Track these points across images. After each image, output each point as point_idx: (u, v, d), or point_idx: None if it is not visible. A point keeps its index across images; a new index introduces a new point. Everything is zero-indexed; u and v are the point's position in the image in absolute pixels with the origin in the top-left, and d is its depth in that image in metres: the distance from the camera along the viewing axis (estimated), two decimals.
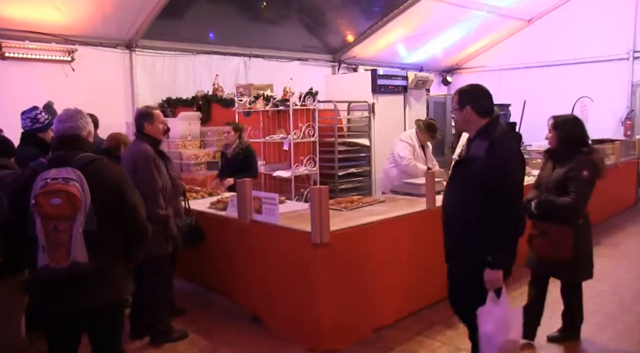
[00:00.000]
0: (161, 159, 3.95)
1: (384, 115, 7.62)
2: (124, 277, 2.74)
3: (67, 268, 2.42)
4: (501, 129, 2.90)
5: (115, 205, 2.61)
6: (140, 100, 8.05)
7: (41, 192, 2.38)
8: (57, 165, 2.49)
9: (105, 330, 2.76)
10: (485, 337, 2.74)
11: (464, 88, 3.03)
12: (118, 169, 2.77)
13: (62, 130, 2.66)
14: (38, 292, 2.62)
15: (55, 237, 2.37)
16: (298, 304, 3.96)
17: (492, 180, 2.72)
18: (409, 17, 9.94)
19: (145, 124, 3.95)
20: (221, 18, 8.40)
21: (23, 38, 6.93)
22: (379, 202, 4.98)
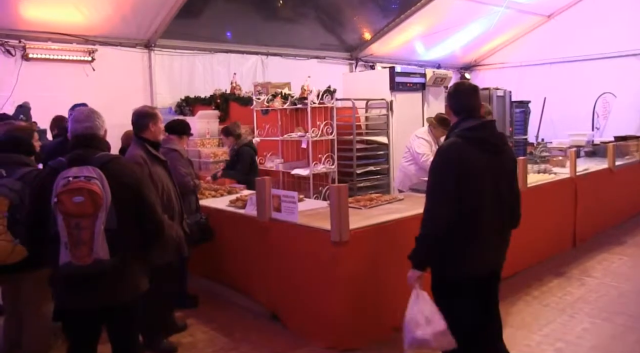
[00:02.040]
0: (158, 163, 3.78)
1: (402, 112, 7.58)
2: (141, 273, 2.79)
3: (89, 265, 2.46)
4: (462, 127, 2.79)
5: (133, 202, 2.65)
6: (159, 99, 8.13)
7: (63, 190, 2.41)
8: (78, 164, 2.53)
9: (124, 325, 2.82)
10: (403, 330, 2.77)
11: (450, 87, 3.03)
12: (135, 168, 2.84)
13: (81, 130, 2.70)
14: (60, 289, 2.67)
15: (78, 234, 2.41)
16: (317, 302, 3.96)
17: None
18: (427, 13, 9.87)
19: (150, 124, 3.76)
20: (238, 17, 8.43)
21: (46, 39, 7.04)
22: (398, 200, 4.95)
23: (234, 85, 7.97)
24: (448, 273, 2.78)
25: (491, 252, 2.79)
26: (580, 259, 5.77)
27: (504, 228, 2.84)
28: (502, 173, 2.80)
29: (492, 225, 2.74)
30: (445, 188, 2.67)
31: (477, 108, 2.87)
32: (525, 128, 10.40)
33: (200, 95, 8.14)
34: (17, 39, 6.83)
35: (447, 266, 2.76)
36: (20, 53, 6.88)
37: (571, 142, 8.45)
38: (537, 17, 11.29)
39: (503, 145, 2.85)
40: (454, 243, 2.69)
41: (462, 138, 2.75)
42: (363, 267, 3.87)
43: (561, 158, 7.04)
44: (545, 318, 4.27)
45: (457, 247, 2.70)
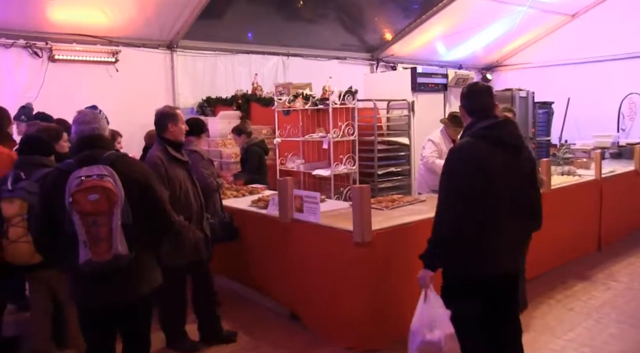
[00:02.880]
0: (177, 163, 3.79)
1: (424, 113, 7.54)
2: (155, 268, 2.87)
3: (110, 261, 2.52)
4: (477, 126, 2.76)
5: (144, 198, 2.72)
6: (181, 100, 8.20)
7: (77, 189, 2.46)
8: (87, 164, 2.59)
9: (140, 319, 2.89)
10: (410, 333, 2.76)
11: (463, 88, 2.98)
12: (142, 164, 2.96)
13: (88, 131, 2.75)
14: (82, 287, 2.71)
15: (96, 231, 2.47)
16: (338, 303, 3.96)
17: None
18: (449, 14, 9.78)
19: (169, 124, 3.78)
20: (260, 18, 8.45)
21: (71, 41, 7.14)
22: (419, 201, 4.93)
23: (255, 86, 7.99)
24: (459, 273, 2.76)
25: (505, 253, 2.73)
26: (606, 263, 5.67)
27: (520, 229, 2.78)
28: (519, 174, 2.75)
29: (507, 226, 2.70)
30: (455, 192, 2.65)
31: (491, 108, 2.84)
32: (548, 129, 10.25)
33: (221, 95, 8.18)
34: (44, 40, 6.94)
35: (458, 266, 2.74)
36: (46, 54, 7.00)
37: (595, 143, 8.31)
38: (561, 16, 11.12)
39: (520, 145, 2.80)
40: (466, 243, 2.65)
41: (477, 137, 2.72)
42: (385, 268, 3.86)
43: (585, 160, 6.93)
44: (569, 323, 4.20)
45: (469, 247, 2.67)
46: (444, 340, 2.66)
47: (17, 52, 6.80)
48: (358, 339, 3.85)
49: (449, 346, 2.68)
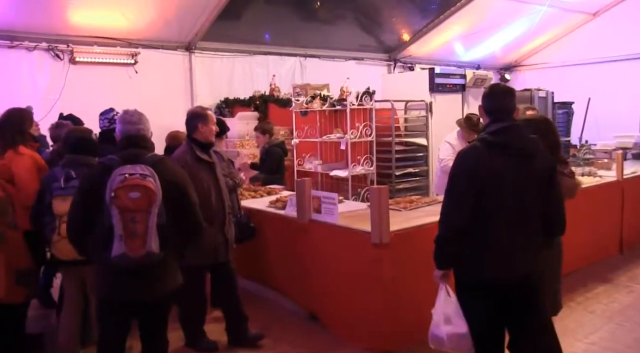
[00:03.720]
0: (203, 164, 3.81)
1: (442, 114, 7.50)
2: (177, 269, 2.95)
3: (142, 257, 2.61)
4: (487, 130, 2.76)
5: (178, 200, 2.81)
6: (199, 101, 8.24)
7: (120, 186, 2.56)
8: (131, 162, 2.68)
9: (158, 318, 2.97)
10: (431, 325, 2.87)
11: (485, 88, 2.99)
12: (180, 169, 3.03)
13: (134, 131, 2.86)
14: (107, 280, 2.80)
15: (134, 227, 2.57)
16: (356, 304, 3.95)
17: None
18: (467, 14, 9.72)
19: (199, 124, 3.80)
20: (277, 19, 8.48)
21: (91, 43, 7.25)
22: (438, 202, 4.88)
23: (272, 87, 8.02)
24: (464, 274, 2.78)
25: (512, 258, 2.69)
26: (628, 266, 5.58)
27: (530, 235, 2.72)
28: (531, 179, 2.69)
29: (514, 232, 2.67)
30: (458, 193, 2.69)
31: (508, 110, 2.79)
32: (568, 130, 10.12)
33: (239, 96, 8.22)
34: (65, 43, 7.06)
35: (463, 268, 2.77)
36: (68, 57, 7.11)
37: (617, 144, 8.19)
38: (582, 15, 10.97)
39: (533, 150, 2.74)
40: (470, 247, 2.68)
41: (483, 142, 2.71)
42: (403, 269, 3.84)
43: (606, 161, 6.83)
44: (591, 326, 4.14)
45: (473, 250, 2.69)
46: (447, 338, 2.76)
47: (40, 55, 6.93)
48: (377, 340, 3.83)
49: (453, 344, 2.77)
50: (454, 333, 2.76)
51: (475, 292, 2.75)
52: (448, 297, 2.82)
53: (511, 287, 2.74)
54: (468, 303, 2.79)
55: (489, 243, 2.67)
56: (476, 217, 2.64)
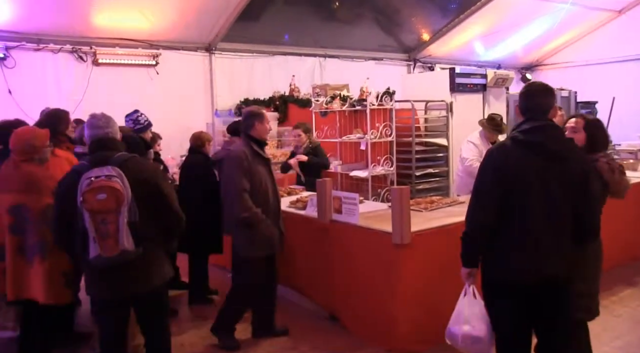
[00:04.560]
0: (260, 160, 3.95)
1: (462, 114, 7.42)
2: (165, 262, 3.03)
3: (117, 256, 2.69)
4: (519, 128, 2.71)
5: (152, 196, 2.86)
6: (219, 102, 8.32)
7: (87, 189, 2.64)
8: (98, 165, 2.76)
9: (153, 311, 3.04)
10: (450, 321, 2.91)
11: (523, 87, 2.95)
12: (151, 164, 3.11)
13: (102, 134, 2.91)
14: (92, 281, 2.91)
15: (105, 228, 2.64)
16: (377, 305, 3.94)
17: None
18: (487, 13, 9.63)
19: (256, 122, 3.95)
20: (296, 19, 8.50)
21: (114, 45, 7.35)
22: (459, 203, 4.86)
23: (292, 87, 8.04)
24: (490, 274, 2.76)
25: (537, 260, 2.64)
26: None
27: (557, 238, 2.66)
28: (562, 181, 2.63)
29: (540, 233, 2.62)
30: (484, 191, 2.68)
31: (543, 110, 2.72)
32: None
33: (259, 97, 8.26)
34: (88, 45, 7.17)
35: (489, 267, 2.75)
36: (91, 58, 7.23)
37: None
38: (606, 12, 10.78)
39: (566, 151, 2.69)
40: (496, 245, 2.67)
41: (514, 140, 2.67)
42: (424, 270, 3.83)
43: (632, 161, 6.70)
44: (616, 330, 4.06)
45: (498, 249, 2.68)
46: (462, 337, 2.78)
47: (64, 57, 7.06)
48: (398, 341, 3.82)
49: (465, 345, 2.78)
50: (469, 334, 2.77)
51: (500, 291, 2.74)
52: (474, 298, 2.80)
53: (536, 288, 2.70)
54: (493, 303, 2.79)
55: (514, 243, 2.64)
56: (503, 216, 2.62)
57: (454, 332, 2.85)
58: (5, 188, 3.32)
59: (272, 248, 3.99)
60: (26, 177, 3.34)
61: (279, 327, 4.23)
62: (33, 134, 3.48)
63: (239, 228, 3.89)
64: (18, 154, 3.40)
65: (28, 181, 3.34)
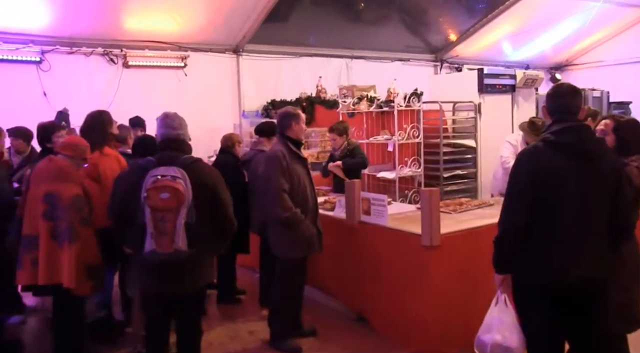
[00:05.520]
0: (297, 160, 3.97)
1: (491, 115, 7.34)
2: (211, 265, 3.16)
3: (170, 255, 2.78)
4: (549, 130, 2.67)
5: (210, 201, 2.95)
6: (246, 103, 8.38)
7: (152, 187, 2.75)
8: (165, 164, 2.87)
9: (191, 310, 3.13)
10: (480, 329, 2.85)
11: (550, 88, 2.90)
12: (213, 169, 3.16)
13: (172, 135, 3.04)
14: (143, 274, 2.99)
15: (163, 226, 2.74)
16: (406, 306, 3.93)
17: None
18: (516, 12, 9.48)
19: (292, 123, 3.97)
20: (323, 20, 8.51)
21: (143, 47, 7.47)
22: (488, 205, 4.81)
23: (319, 88, 8.04)
24: (523, 277, 2.71)
25: (571, 263, 2.59)
26: None
27: (591, 240, 2.62)
28: (595, 182, 2.60)
29: (573, 235, 2.58)
30: (515, 194, 2.65)
31: (572, 111, 2.69)
32: None
33: (286, 98, 8.28)
34: (119, 48, 7.31)
35: (522, 270, 2.70)
36: (121, 61, 7.36)
37: None
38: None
39: (598, 151, 2.65)
40: (529, 248, 2.63)
41: (545, 142, 2.64)
42: (454, 272, 3.80)
43: None
44: None
45: (531, 252, 2.63)
46: (491, 347, 2.73)
47: (96, 60, 7.20)
48: (426, 344, 3.79)
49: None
50: (499, 344, 2.71)
51: (533, 295, 2.69)
52: (505, 307, 2.76)
53: (570, 292, 2.64)
54: (524, 307, 2.74)
55: (547, 245, 2.61)
56: (536, 218, 2.59)
57: (483, 340, 2.79)
58: (40, 180, 3.49)
59: (311, 249, 3.99)
60: (57, 168, 3.53)
61: (306, 327, 4.24)
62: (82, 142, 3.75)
63: (278, 229, 3.89)
64: (62, 149, 3.65)
65: (59, 171, 3.51)
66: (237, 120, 8.27)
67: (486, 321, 2.82)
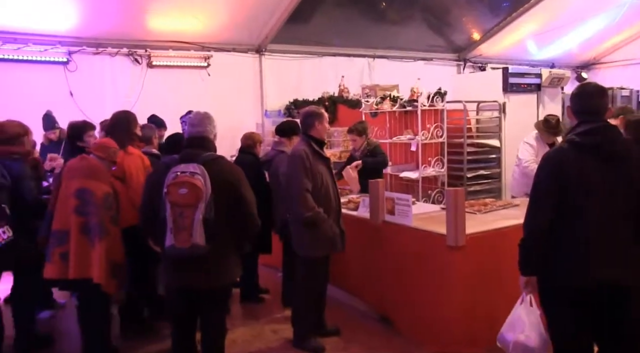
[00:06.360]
0: (320, 159, 3.94)
1: (516, 115, 7.24)
2: (235, 263, 3.12)
3: (188, 249, 2.81)
4: (575, 131, 2.61)
5: (231, 198, 2.96)
6: (269, 103, 8.42)
7: (172, 182, 2.81)
8: (186, 161, 2.92)
9: (216, 308, 3.13)
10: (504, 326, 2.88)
11: (575, 88, 2.85)
12: (235, 167, 3.16)
13: (194, 133, 3.10)
14: (167, 269, 3.05)
15: (182, 221, 2.78)
16: (430, 307, 3.90)
17: None
18: (541, 10, 9.34)
19: (316, 122, 3.95)
20: (345, 20, 8.49)
21: (167, 47, 7.57)
22: (513, 205, 4.74)
23: (341, 88, 8.02)
24: (549, 279, 2.67)
25: (597, 264, 2.54)
26: None
27: (618, 242, 2.55)
28: (622, 183, 2.54)
29: (599, 237, 2.53)
30: (540, 196, 2.62)
31: (599, 111, 2.65)
32: None
33: (308, 98, 8.28)
34: (143, 48, 7.41)
35: (548, 272, 2.66)
36: (145, 61, 7.47)
37: None
38: None
39: (624, 152, 2.59)
40: (555, 251, 2.60)
41: (571, 143, 2.59)
42: (478, 273, 3.76)
43: None
44: None
45: (557, 254, 2.60)
46: (512, 345, 2.74)
47: (121, 60, 7.33)
48: (450, 345, 3.75)
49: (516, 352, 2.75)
50: (521, 343, 2.72)
51: (559, 298, 2.65)
52: (529, 307, 2.76)
53: (597, 296, 2.59)
54: (550, 309, 2.71)
55: (573, 246, 2.57)
56: (561, 220, 2.55)
57: (506, 338, 2.81)
58: (72, 176, 3.54)
59: (334, 248, 3.96)
60: (90, 166, 3.61)
61: (329, 326, 4.22)
62: (114, 145, 3.84)
63: (301, 228, 3.87)
64: (94, 150, 3.74)
65: (92, 169, 3.59)
66: (260, 120, 8.31)
67: (510, 319, 2.83)
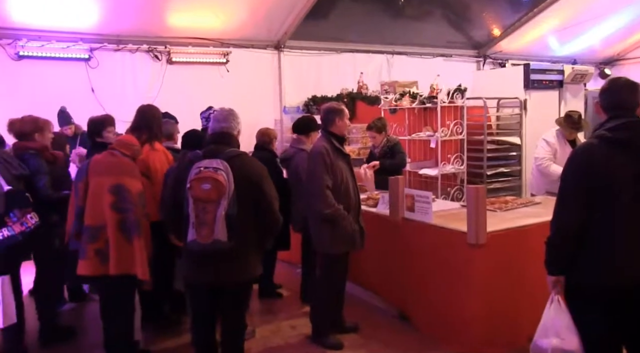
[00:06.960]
0: (340, 156, 3.93)
1: (537, 112, 7.14)
2: (257, 260, 3.12)
3: (210, 245, 2.81)
4: (605, 127, 2.55)
5: (254, 195, 2.96)
6: (287, 99, 8.42)
7: (195, 178, 2.81)
8: (209, 157, 2.92)
9: (236, 304, 3.14)
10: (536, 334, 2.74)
11: (605, 82, 2.78)
12: (258, 164, 3.13)
13: (218, 129, 3.10)
14: (188, 264, 3.05)
15: (204, 216, 2.78)
16: (450, 305, 3.88)
17: None
18: (563, 6, 9.18)
19: (336, 118, 3.94)
20: (364, 16, 8.46)
21: (186, 44, 7.60)
22: (534, 203, 4.69)
23: (360, 84, 8.00)
24: (577, 279, 2.60)
25: (628, 264, 2.49)
26: None
27: None
28: None
29: (631, 235, 2.48)
30: (568, 193, 2.55)
31: (630, 107, 2.58)
32: None
33: (327, 94, 8.27)
34: (163, 44, 7.46)
35: (576, 272, 2.59)
36: (165, 58, 7.52)
37: None
38: None
39: None
40: (583, 250, 2.53)
41: (601, 139, 2.53)
42: (499, 271, 3.73)
43: None
44: None
45: (585, 254, 2.53)
46: (552, 352, 2.61)
47: (141, 56, 7.38)
48: (469, 344, 3.73)
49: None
50: (560, 348, 2.60)
51: (585, 297, 2.59)
52: (559, 308, 2.65)
53: (624, 295, 2.53)
54: (578, 310, 2.63)
55: (603, 245, 2.50)
56: (591, 218, 2.49)
57: (541, 345, 2.67)
58: (104, 172, 3.51)
59: (353, 245, 3.95)
60: (122, 163, 3.60)
61: (348, 323, 4.22)
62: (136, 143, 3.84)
63: (321, 225, 3.87)
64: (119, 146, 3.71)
65: (125, 166, 3.59)
66: (278, 116, 8.32)
67: (542, 324, 2.71)
